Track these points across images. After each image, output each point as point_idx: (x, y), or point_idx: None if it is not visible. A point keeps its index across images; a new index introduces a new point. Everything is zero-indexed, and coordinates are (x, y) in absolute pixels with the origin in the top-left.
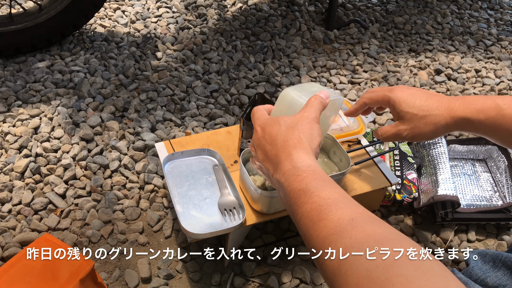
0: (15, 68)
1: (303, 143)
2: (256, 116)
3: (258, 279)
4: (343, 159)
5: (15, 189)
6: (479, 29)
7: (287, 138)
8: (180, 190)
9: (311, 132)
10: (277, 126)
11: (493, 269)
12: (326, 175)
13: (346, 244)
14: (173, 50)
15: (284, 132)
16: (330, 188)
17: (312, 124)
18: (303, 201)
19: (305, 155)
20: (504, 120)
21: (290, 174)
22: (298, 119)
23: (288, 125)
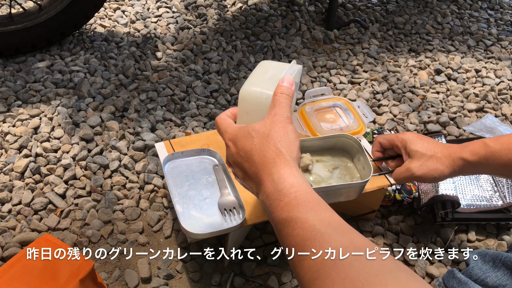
0: (15, 68)
1: (281, 155)
2: (222, 129)
3: (258, 279)
4: (365, 167)
5: (15, 189)
6: (479, 29)
7: (264, 152)
8: (180, 190)
9: (287, 137)
10: (249, 140)
11: (493, 269)
12: (310, 196)
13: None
14: (173, 50)
15: (258, 146)
16: (314, 215)
17: (287, 128)
18: (287, 232)
19: (286, 171)
20: (493, 155)
21: (273, 199)
22: (270, 125)
23: (261, 136)
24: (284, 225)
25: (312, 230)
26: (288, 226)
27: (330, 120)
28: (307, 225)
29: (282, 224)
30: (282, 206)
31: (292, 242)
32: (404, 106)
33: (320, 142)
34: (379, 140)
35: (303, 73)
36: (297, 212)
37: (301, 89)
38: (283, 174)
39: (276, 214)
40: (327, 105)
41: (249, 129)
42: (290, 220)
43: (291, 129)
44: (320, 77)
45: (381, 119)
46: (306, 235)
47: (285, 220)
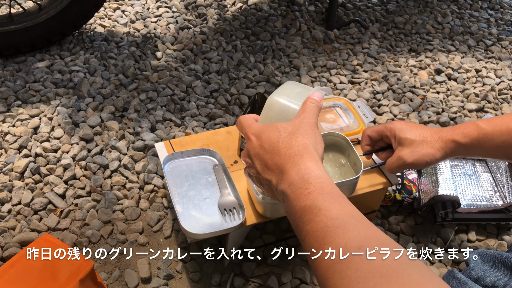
0: (14, 68)
1: (309, 150)
2: (246, 125)
3: (258, 279)
4: (357, 163)
5: (15, 189)
6: (480, 29)
7: (291, 144)
8: (180, 190)
9: (315, 137)
10: (276, 133)
11: (493, 269)
12: (335, 189)
13: (352, 277)
14: (173, 50)
15: (286, 139)
16: (339, 206)
17: (314, 129)
18: (309, 218)
19: (313, 163)
20: (485, 137)
21: (297, 187)
22: (299, 124)
23: (289, 131)
24: (306, 211)
25: (336, 219)
26: (311, 212)
27: (330, 120)
28: (332, 213)
29: (304, 210)
30: (306, 194)
31: (313, 227)
32: (404, 106)
33: None
34: (367, 134)
35: (303, 73)
36: (322, 200)
37: None
38: (310, 166)
39: (299, 201)
40: (327, 105)
41: (277, 125)
42: (314, 207)
43: (318, 133)
44: (320, 77)
45: (381, 119)
46: (331, 222)
47: (308, 207)
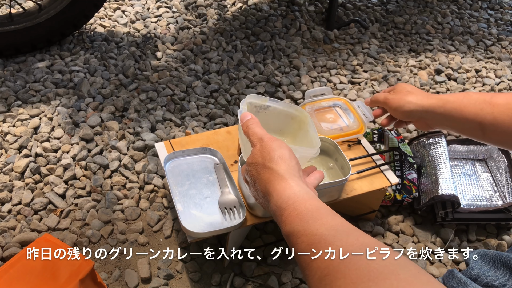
0: (15, 68)
1: (273, 173)
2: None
3: (258, 279)
4: (344, 166)
5: (15, 189)
6: (479, 29)
7: (260, 177)
8: (181, 189)
9: (274, 153)
10: (250, 173)
11: (493, 269)
12: (309, 203)
13: (341, 286)
14: (173, 50)
15: (256, 175)
16: (315, 221)
17: (269, 146)
18: (294, 243)
19: (281, 185)
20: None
21: (276, 215)
22: (254, 153)
23: (254, 166)
24: (290, 237)
25: (315, 235)
26: (293, 237)
27: (330, 120)
28: (309, 231)
29: (288, 237)
30: (284, 220)
31: (299, 249)
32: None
33: None
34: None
35: (302, 73)
36: (298, 223)
37: (300, 89)
38: (279, 189)
39: (282, 228)
40: (327, 105)
41: (247, 166)
42: (293, 231)
43: (271, 144)
44: (320, 77)
45: (381, 119)
46: (310, 240)
47: (290, 232)
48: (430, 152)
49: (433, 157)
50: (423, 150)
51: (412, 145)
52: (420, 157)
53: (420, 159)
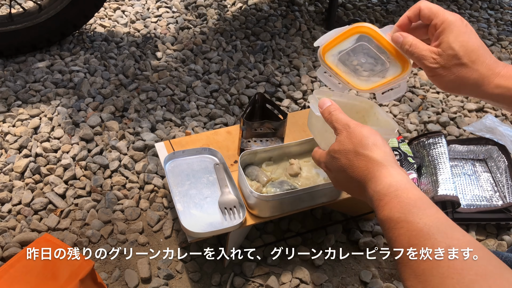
0: (15, 68)
1: (370, 160)
2: (316, 159)
3: (258, 279)
4: None
5: (15, 189)
6: (479, 29)
7: (354, 166)
8: (181, 189)
9: (366, 140)
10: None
11: None
12: (412, 192)
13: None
14: (173, 50)
15: (347, 163)
16: (418, 212)
17: (357, 132)
18: (391, 227)
19: (382, 172)
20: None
21: (374, 200)
22: (343, 140)
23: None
24: (388, 222)
25: (417, 223)
26: (392, 222)
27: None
28: (411, 219)
29: (385, 222)
30: (382, 205)
31: (396, 235)
32: (404, 106)
33: (298, 147)
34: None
35: (302, 73)
36: (398, 210)
37: (300, 89)
38: (379, 176)
39: (379, 213)
40: (350, 45)
41: (331, 153)
42: (392, 216)
43: (361, 130)
44: None
45: None
46: (411, 228)
47: (389, 218)
48: (430, 152)
49: (433, 157)
50: (423, 150)
51: (412, 145)
52: (420, 157)
53: (420, 159)
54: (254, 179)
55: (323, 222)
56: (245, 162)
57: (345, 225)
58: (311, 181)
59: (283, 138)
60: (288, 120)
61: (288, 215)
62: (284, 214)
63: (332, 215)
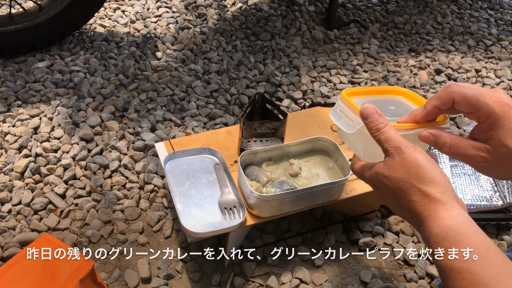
0: (15, 68)
1: (428, 196)
2: (358, 171)
3: (258, 279)
4: (344, 166)
5: (15, 189)
6: (479, 29)
7: (407, 197)
8: (181, 189)
9: (423, 170)
10: (385, 187)
11: None
12: (475, 237)
13: None
14: (173, 50)
15: (398, 191)
16: (482, 262)
17: (415, 158)
18: (452, 277)
19: (440, 212)
20: None
21: (431, 242)
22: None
23: (394, 181)
24: (447, 271)
25: (482, 277)
26: (452, 271)
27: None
28: (475, 271)
29: (445, 270)
30: (441, 251)
31: (458, 286)
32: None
33: (298, 147)
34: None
35: (302, 73)
36: (460, 259)
37: (300, 89)
38: (436, 215)
39: (437, 259)
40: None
41: (380, 177)
42: (453, 266)
43: (420, 157)
44: (320, 77)
45: None
46: (475, 281)
47: (449, 267)
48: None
49: None
50: None
51: None
52: None
53: None
54: (254, 179)
55: (323, 222)
56: (245, 162)
57: (345, 225)
58: (311, 181)
59: (283, 138)
60: (288, 120)
61: (288, 215)
62: (284, 214)
63: (332, 215)
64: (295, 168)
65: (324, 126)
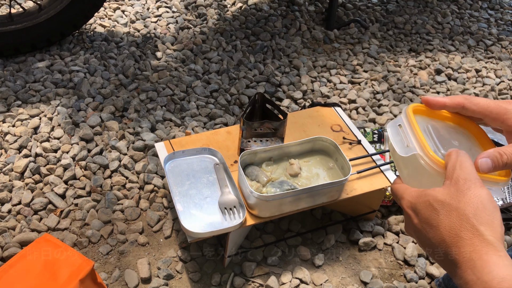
0: (14, 68)
1: (481, 236)
2: (399, 195)
3: (258, 279)
4: (344, 166)
5: (15, 189)
6: (479, 29)
7: (455, 230)
8: (181, 189)
9: (484, 210)
10: (433, 213)
11: None
12: None
13: None
14: (173, 50)
15: (447, 222)
16: None
17: (480, 196)
18: None
19: (492, 257)
20: None
21: (469, 287)
22: (456, 194)
23: (447, 209)
24: None
25: None
26: None
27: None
28: None
29: None
30: None
31: None
32: (404, 106)
33: (298, 147)
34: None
35: (302, 73)
36: None
37: (300, 89)
38: (488, 261)
39: None
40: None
41: (430, 199)
42: None
43: (485, 196)
44: (320, 77)
45: (381, 119)
46: None
47: None
48: None
49: None
50: None
51: None
52: None
53: None
54: (254, 179)
55: (323, 222)
56: (245, 162)
57: (345, 225)
58: (311, 181)
59: (283, 138)
60: (288, 120)
61: (288, 215)
62: (284, 214)
63: (332, 215)
64: (295, 168)
65: (324, 126)
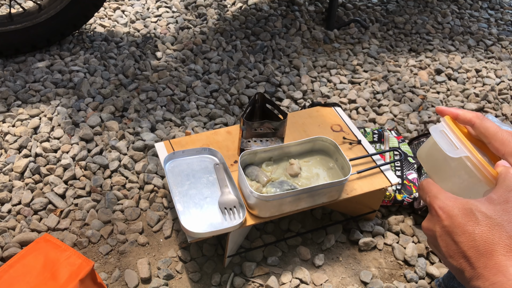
0: (14, 68)
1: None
2: (432, 193)
3: (258, 279)
4: (344, 166)
5: (15, 189)
6: (480, 29)
7: (491, 242)
8: (181, 189)
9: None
10: (473, 222)
11: None
12: None
13: None
14: (173, 50)
15: (485, 233)
16: None
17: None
18: None
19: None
20: None
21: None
22: (501, 212)
23: (489, 223)
24: None
25: None
26: None
27: None
28: None
29: None
30: None
31: None
32: (404, 106)
33: (298, 147)
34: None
35: (302, 73)
36: None
37: (300, 89)
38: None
39: None
40: None
41: (473, 208)
42: None
43: None
44: (320, 77)
45: (381, 119)
46: None
47: None
48: None
49: None
50: None
51: (412, 145)
52: None
53: None
54: (254, 179)
55: (323, 222)
56: (245, 162)
57: (345, 225)
58: (311, 181)
59: (283, 138)
60: (288, 120)
61: (288, 215)
62: (284, 214)
63: (332, 215)
64: (295, 168)
65: (324, 126)
